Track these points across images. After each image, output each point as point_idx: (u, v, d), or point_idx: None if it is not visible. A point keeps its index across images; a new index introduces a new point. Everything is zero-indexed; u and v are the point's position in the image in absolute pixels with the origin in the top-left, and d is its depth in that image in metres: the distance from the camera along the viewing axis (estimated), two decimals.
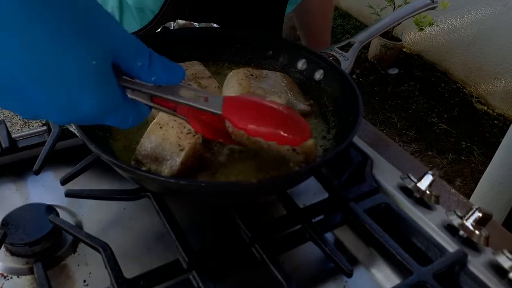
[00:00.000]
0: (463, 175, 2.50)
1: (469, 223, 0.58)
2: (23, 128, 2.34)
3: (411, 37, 3.41)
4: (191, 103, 0.46)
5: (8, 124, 2.36)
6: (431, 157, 2.59)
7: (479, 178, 1.95)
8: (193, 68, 0.74)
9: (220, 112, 0.47)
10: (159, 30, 0.77)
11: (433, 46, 3.28)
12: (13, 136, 0.68)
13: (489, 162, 1.87)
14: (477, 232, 0.57)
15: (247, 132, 0.49)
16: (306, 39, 1.22)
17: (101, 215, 0.63)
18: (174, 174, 0.55)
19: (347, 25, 3.82)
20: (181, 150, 0.56)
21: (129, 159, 0.59)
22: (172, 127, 0.59)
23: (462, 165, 2.56)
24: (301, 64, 0.76)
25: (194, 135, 0.57)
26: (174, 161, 0.56)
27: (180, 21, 0.78)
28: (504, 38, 2.82)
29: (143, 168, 0.57)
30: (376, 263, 0.60)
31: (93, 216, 0.63)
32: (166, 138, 0.58)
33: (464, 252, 0.56)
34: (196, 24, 0.80)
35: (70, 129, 0.68)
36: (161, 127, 0.59)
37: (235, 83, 0.69)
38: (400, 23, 0.85)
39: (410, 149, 2.63)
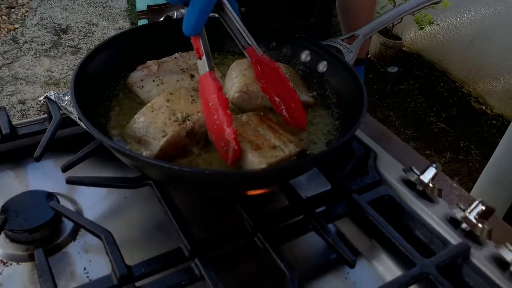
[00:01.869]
0: (460, 174, 2.50)
1: (472, 216, 0.58)
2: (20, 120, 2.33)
3: (411, 36, 3.40)
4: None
5: None
6: (429, 156, 2.59)
7: (477, 178, 1.95)
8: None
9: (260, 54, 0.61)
10: (161, 19, 0.77)
11: (433, 45, 3.28)
12: (13, 123, 0.68)
13: (487, 162, 1.87)
14: (480, 225, 0.57)
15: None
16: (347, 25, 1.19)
17: (102, 203, 0.62)
18: (152, 157, 0.56)
19: None
20: (163, 136, 0.56)
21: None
22: (163, 112, 0.59)
23: (460, 164, 2.57)
24: (304, 56, 0.75)
25: (180, 124, 0.57)
26: (154, 146, 0.56)
27: (183, 11, 0.77)
28: (503, 38, 2.82)
29: (127, 147, 0.57)
30: (378, 255, 0.60)
31: (93, 204, 0.62)
32: (154, 122, 0.58)
33: (467, 245, 0.55)
34: None
35: (71, 117, 0.67)
36: (152, 111, 0.59)
37: (238, 73, 0.69)
38: (402, 19, 0.84)
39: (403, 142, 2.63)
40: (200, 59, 0.57)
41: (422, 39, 3.35)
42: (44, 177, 0.66)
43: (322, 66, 0.73)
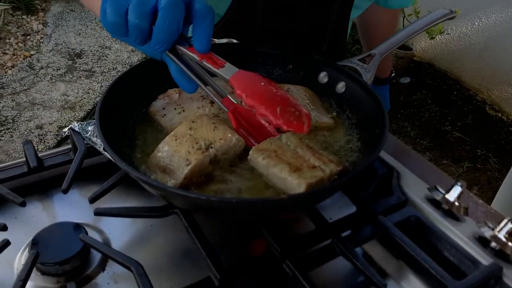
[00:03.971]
0: (479, 184, 2.47)
1: (501, 234, 0.57)
2: (38, 145, 2.37)
3: (421, 46, 3.40)
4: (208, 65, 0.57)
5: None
6: (446, 166, 2.56)
7: (496, 186, 1.92)
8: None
9: (227, 78, 0.57)
10: None
11: (444, 54, 3.27)
12: (39, 155, 0.69)
13: (506, 170, 1.84)
14: (510, 244, 0.56)
15: (245, 101, 0.56)
16: (367, 41, 1.21)
17: (128, 232, 0.63)
18: (177, 186, 0.56)
19: (356, 35, 3.83)
20: (187, 164, 0.57)
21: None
22: (186, 141, 0.59)
23: (478, 173, 2.53)
24: (322, 77, 0.76)
25: (203, 152, 0.58)
26: (178, 174, 0.57)
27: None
28: None
29: (152, 177, 0.58)
30: (407, 277, 0.59)
31: (120, 233, 0.63)
32: (178, 151, 0.59)
33: (498, 265, 0.55)
34: (216, 41, 0.80)
35: (96, 147, 0.68)
36: (176, 139, 0.60)
37: None
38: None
39: (424, 158, 2.61)
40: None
41: (433, 49, 3.34)
42: (71, 207, 0.67)
43: (340, 87, 0.73)
